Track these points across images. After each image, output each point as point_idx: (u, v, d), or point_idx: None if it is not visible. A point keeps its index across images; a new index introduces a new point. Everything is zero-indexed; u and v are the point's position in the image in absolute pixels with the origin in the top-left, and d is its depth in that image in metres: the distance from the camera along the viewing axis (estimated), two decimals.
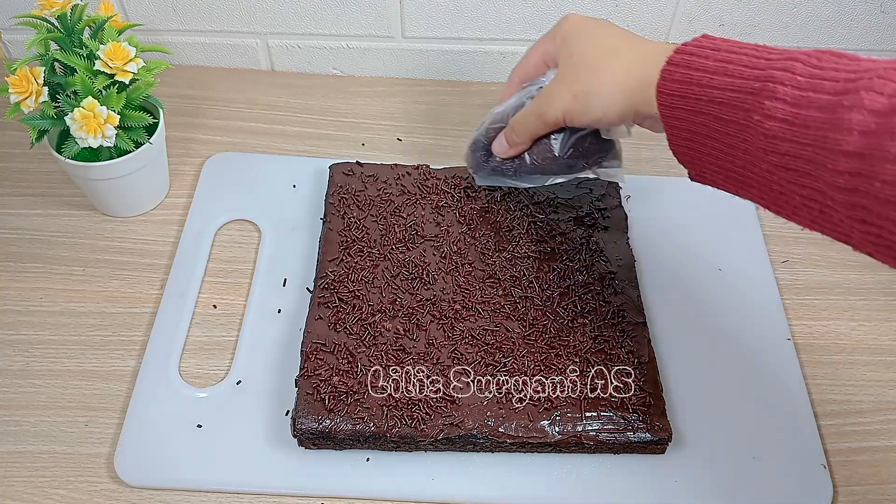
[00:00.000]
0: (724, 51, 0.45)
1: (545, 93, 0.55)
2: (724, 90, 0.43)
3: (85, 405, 0.58)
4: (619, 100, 0.50)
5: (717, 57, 0.45)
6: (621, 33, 0.53)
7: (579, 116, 0.53)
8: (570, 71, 0.53)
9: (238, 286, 0.65)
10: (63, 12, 0.59)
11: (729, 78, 0.43)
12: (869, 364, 0.63)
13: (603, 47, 0.52)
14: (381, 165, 0.69)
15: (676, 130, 0.47)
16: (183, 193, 0.71)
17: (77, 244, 0.67)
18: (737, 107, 0.43)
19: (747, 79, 0.43)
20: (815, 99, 0.39)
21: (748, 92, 0.42)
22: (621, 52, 0.51)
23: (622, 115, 0.51)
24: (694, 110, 0.45)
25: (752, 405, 0.59)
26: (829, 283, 0.68)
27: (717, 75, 0.44)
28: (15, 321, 0.62)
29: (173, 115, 0.77)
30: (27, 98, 0.58)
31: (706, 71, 0.45)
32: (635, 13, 0.78)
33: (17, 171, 0.72)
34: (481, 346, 0.57)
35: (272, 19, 0.79)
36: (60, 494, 0.53)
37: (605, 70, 0.51)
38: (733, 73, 0.43)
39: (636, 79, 0.49)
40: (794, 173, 0.41)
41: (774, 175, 0.42)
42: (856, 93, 0.37)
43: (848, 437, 0.59)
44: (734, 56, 0.44)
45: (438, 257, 0.63)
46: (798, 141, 0.40)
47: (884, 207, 0.36)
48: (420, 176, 0.68)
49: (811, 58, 0.41)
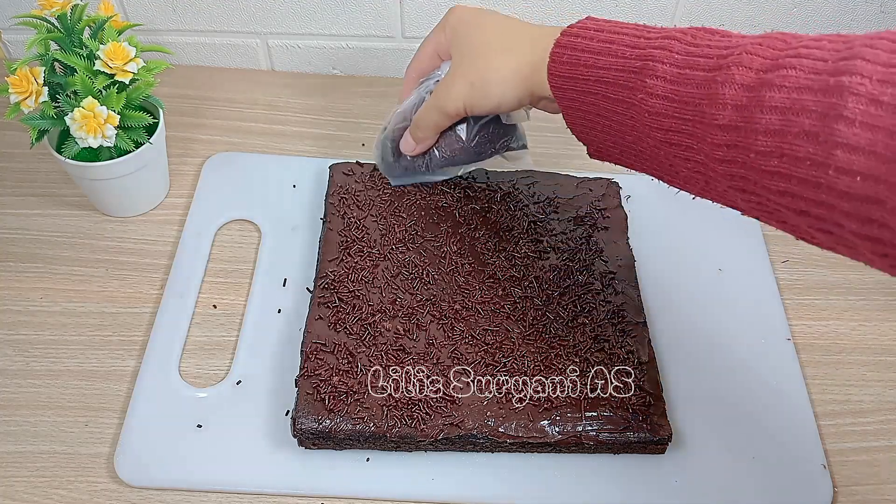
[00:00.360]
0: (607, 31, 0.47)
1: (442, 85, 0.57)
2: (609, 69, 0.45)
3: (85, 405, 0.58)
4: (514, 85, 0.52)
5: (600, 38, 0.47)
6: (509, 20, 0.55)
7: (479, 104, 0.55)
8: (465, 61, 0.55)
9: (238, 286, 0.65)
10: (63, 12, 0.59)
11: (612, 58, 0.45)
12: (869, 364, 0.63)
13: (494, 34, 0.54)
14: None
15: (570, 111, 0.50)
16: (183, 193, 0.71)
17: (77, 244, 0.67)
18: (622, 86, 0.45)
19: (629, 58, 0.45)
20: (692, 76, 0.41)
21: (631, 71, 0.44)
22: (512, 38, 0.52)
23: (520, 99, 0.53)
24: (583, 90, 0.47)
25: (752, 405, 0.59)
26: (829, 283, 0.68)
27: (601, 55, 0.46)
28: (15, 321, 0.62)
29: (173, 115, 0.77)
30: (27, 98, 0.58)
31: (591, 52, 0.47)
32: (635, 13, 0.78)
33: (17, 171, 0.72)
34: (481, 345, 0.57)
35: (272, 19, 0.79)
36: (60, 494, 0.53)
37: (498, 57, 0.53)
38: (616, 53, 0.45)
39: (528, 63, 0.51)
40: (678, 147, 0.43)
41: (661, 150, 0.44)
42: (727, 69, 0.39)
43: (848, 437, 0.59)
44: (616, 36, 0.46)
45: (438, 257, 0.63)
46: (679, 116, 0.42)
47: (760, 176, 0.38)
48: None
49: (686, 35, 0.43)
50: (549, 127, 0.68)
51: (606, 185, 0.69)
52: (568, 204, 0.67)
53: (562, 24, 0.51)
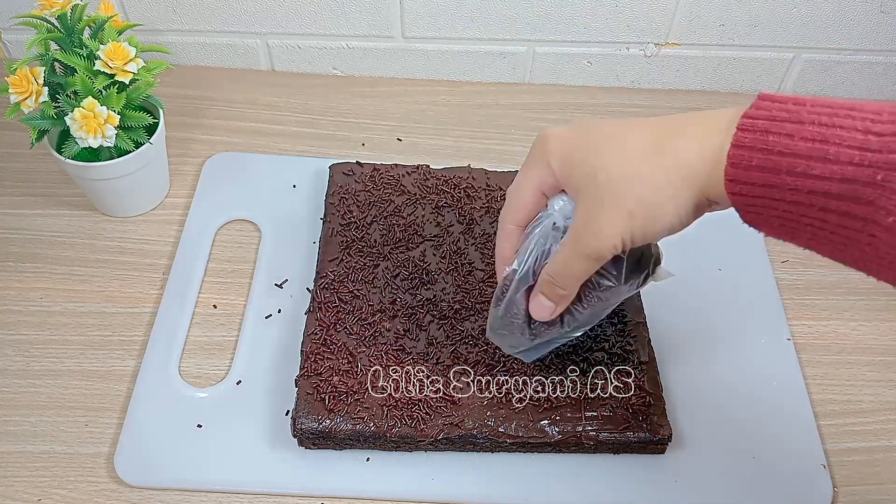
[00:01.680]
0: (810, 123, 0.37)
1: (584, 226, 0.44)
2: (831, 180, 0.36)
3: (85, 405, 0.58)
4: (686, 195, 0.41)
5: (805, 134, 0.37)
6: (627, 123, 0.44)
7: (644, 234, 0.43)
8: (603, 188, 0.43)
9: (238, 286, 0.65)
10: (63, 12, 0.59)
11: (833, 165, 0.36)
12: (869, 364, 0.63)
13: (630, 149, 0.42)
14: (381, 165, 0.69)
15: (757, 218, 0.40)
16: (183, 193, 0.71)
17: (77, 244, 0.67)
18: (851, 198, 0.36)
19: (860, 165, 0.35)
20: None
21: (866, 183, 0.35)
22: (653, 137, 0.42)
23: (697, 207, 0.42)
24: (785, 200, 0.38)
25: (751, 405, 0.59)
26: (829, 283, 0.68)
27: (814, 161, 0.36)
28: (15, 321, 0.62)
29: (173, 115, 0.77)
30: (27, 98, 0.58)
31: (796, 155, 0.37)
32: (635, 13, 0.78)
33: (17, 171, 0.72)
34: (481, 345, 0.57)
35: (272, 19, 0.79)
36: (60, 494, 0.53)
37: (652, 172, 0.41)
38: (837, 159, 0.36)
39: (695, 162, 0.40)
40: None
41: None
42: None
43: (848, 437, 0.59)
44: (828, 132, 0.36)
45: (438, 257, 0.63)
46: None
47: None
48: (420, 176, 0.68)
49: None
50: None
51: None
52: None
53: (562, 22, 0.49)
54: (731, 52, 0.82)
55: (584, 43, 0.80)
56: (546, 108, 0.82)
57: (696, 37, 0.80)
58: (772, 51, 0.81)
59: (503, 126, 0.79)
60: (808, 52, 0.81)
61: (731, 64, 0.83)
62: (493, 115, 0.81)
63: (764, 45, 0.81)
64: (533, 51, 0.81)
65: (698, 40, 0.80)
